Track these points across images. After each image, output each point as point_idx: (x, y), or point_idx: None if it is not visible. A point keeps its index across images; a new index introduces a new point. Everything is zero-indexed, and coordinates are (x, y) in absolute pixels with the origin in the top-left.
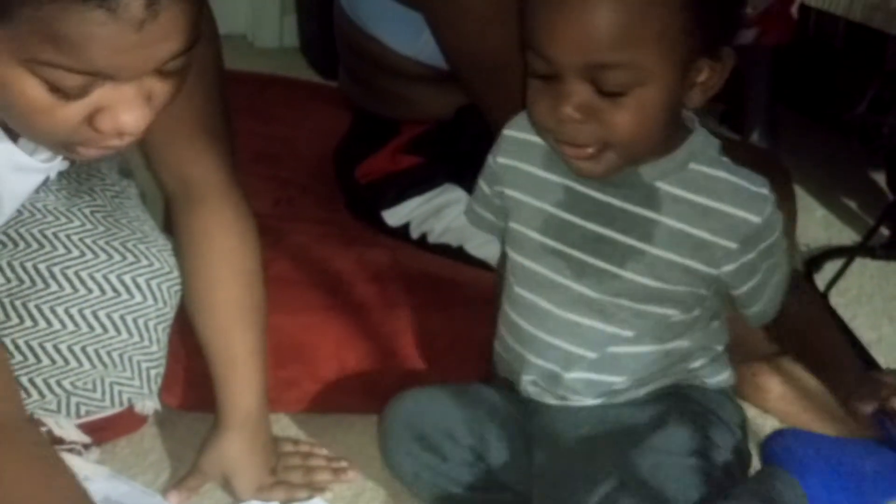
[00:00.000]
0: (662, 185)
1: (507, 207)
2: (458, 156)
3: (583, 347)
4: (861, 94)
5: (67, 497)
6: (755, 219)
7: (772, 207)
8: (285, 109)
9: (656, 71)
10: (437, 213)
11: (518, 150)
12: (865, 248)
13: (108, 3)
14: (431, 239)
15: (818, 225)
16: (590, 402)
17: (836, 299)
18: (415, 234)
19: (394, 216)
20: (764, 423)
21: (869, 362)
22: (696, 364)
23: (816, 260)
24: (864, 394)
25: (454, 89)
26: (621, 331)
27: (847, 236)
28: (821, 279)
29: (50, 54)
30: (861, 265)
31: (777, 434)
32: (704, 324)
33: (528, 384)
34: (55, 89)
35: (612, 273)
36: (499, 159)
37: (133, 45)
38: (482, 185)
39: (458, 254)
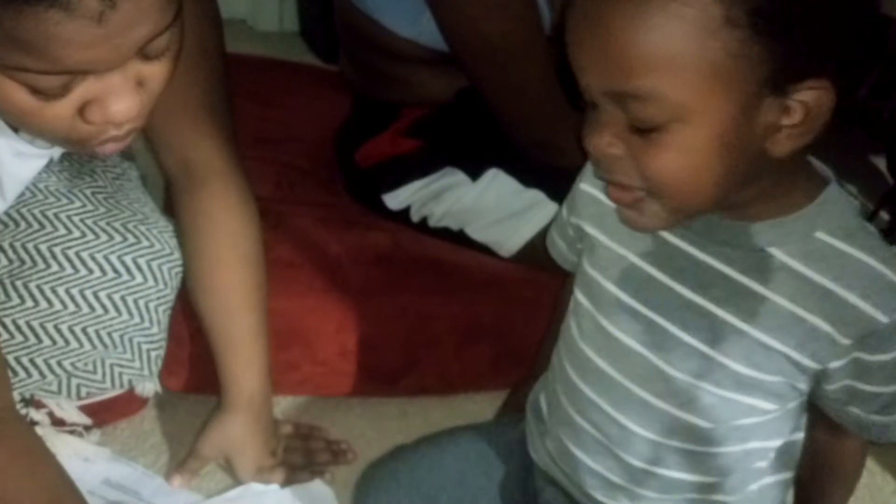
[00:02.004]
0: (778, 254)
1: (584, 245)
2: (459, 139)
3: (647, 429)
4: (862, 78)
5: (53, 489)
6: (881, 318)
7: None
8: (286, 93)
9: (697, 106)
10: (438, 197)
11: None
12: None
13: (60, 2)
14: (432, 223)
15: None
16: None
17: None
18: (415, 217)
19: (394, 199)
20: None
21: None
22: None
23: None
24: None
25: (455, 72)
26: (698, 420)
27: None
28: None
29: (18, 59)
30: None
31: None
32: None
33: (564, 456)
34: (36, 91)
35: (698, 351)
36: (582, 185)
37: (98, 38)
38: (563, 208)
39: (458, 237)
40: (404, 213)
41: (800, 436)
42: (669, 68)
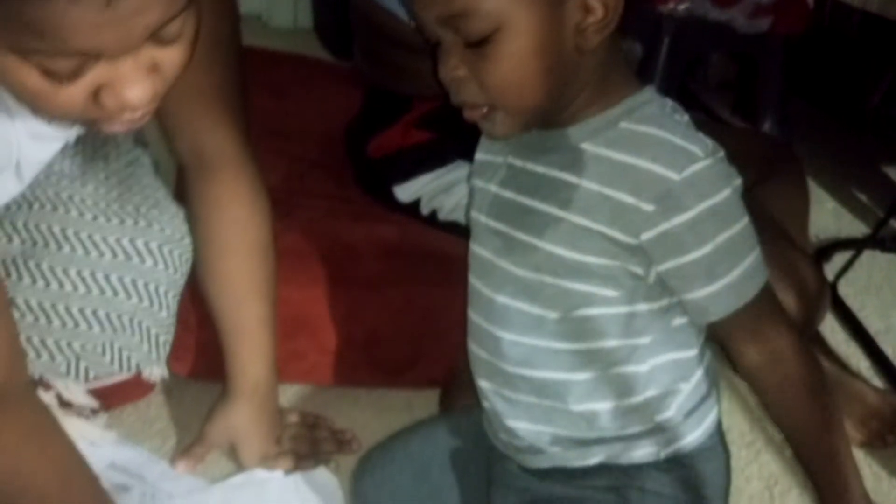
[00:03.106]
0: (588, 146)
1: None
2: (470, 133)
3: (514, 332)
4: (875, 86)
5: (66, 467)
6: (672, 175)
7: (702, 167)
8: (298, 87)
9: (511, 14)
10: (448, 190)
11: (483, 141)
12: (875, 241)
13: None
14: (441, 216)
15: (829, 216)
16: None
17: (844, 289)
18: (425, 210)
19: (404, 192)
20: None
21: (875, 351)
22: (664, 413)
23: (826, 250)
24: None
25: None
26: (547, 312)
27: (857, 228)
28: (830, 270)
29: (29, 42)
30: (870, 257)
31: None
32: (655, 330)
33: (486, 393)
34: (49, 73)
35: (532, 245)
36: (477, 154)
37: (106, 22)
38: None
39: (467, 232)
40: (414, 206)
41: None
42: None
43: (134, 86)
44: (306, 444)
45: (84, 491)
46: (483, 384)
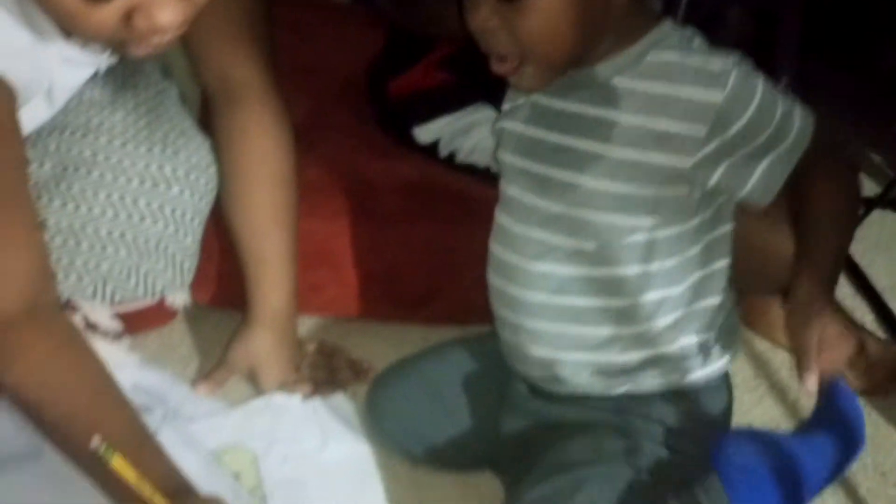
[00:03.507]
0: (619, 81)
1: (500, 142)
2: (491, 75)
3: (546, 264)
4: (891, 46)
5: (95, 381)
6: (715, 97)
7: (736, 80)
8: (321, 27)
9: None
10: (467, 132)
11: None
12: (885, 200)
13: None
14: (460, 158)
15: None
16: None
17: (854, 246)
18: (443, 151)
19: (424, 133)
20: None
21: (881, 307)
22: (678, 343)
23: None
24: (804, 350)
25: None
26: (583, 244)
27: (869, 188)
28: None
29: None
30: (881, 216)
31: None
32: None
33: (508, 323)
34: None
35: (571, 183)
36: (504, 104)
37: None
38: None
39: (485, 174)
40: (432, 148)
41: (717, 265)
42: None
43: (164, 9)
44: (324, 372)
45: (113, 408)
46: (505, 314)
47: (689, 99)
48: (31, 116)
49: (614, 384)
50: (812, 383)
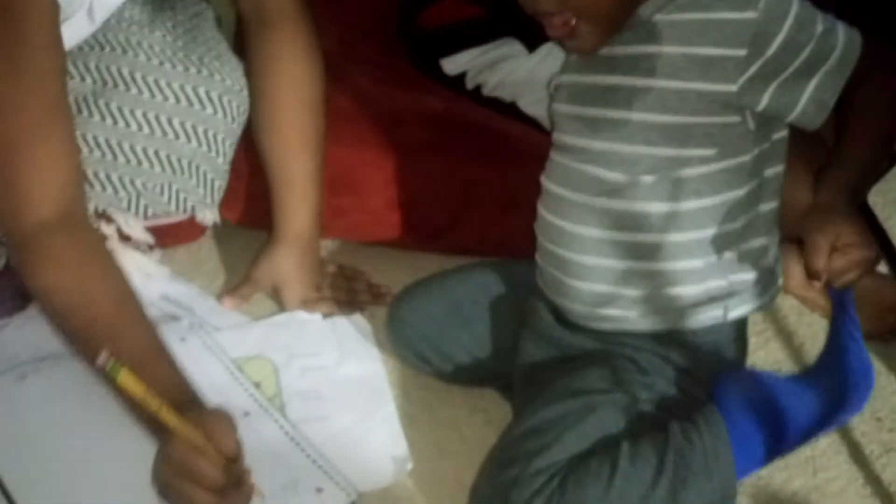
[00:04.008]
0: (660, 17)
1: (555, 94)
2: (521, 11)
3: (605, 198)
4: None
5: (120, 289)
6: (751, 15)
7: None
8: None
9: None
10: (493, 66)
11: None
12: None
13: None
14: (486, 91)
15: None
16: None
17: (874, 198)
18: (470, 84)
19: (451, 64)
20: None
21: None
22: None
23: None
24: (816, 247)
25: None
26: (641, 177)
27: None
28: None
29: None
30: None
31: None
32: (750, 191)
33: (550, 261)
34: None
35: (622, 119)
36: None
37: None
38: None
39: (510, 109)
40: (459, 80)
41: (768, 205)
42: None
43: None
44: (344, 293)
45: (134, 316)
46: (554, 249)
47: (725, 21)
48: (73, 32)
49: (660, 321)
50: (818, 285)
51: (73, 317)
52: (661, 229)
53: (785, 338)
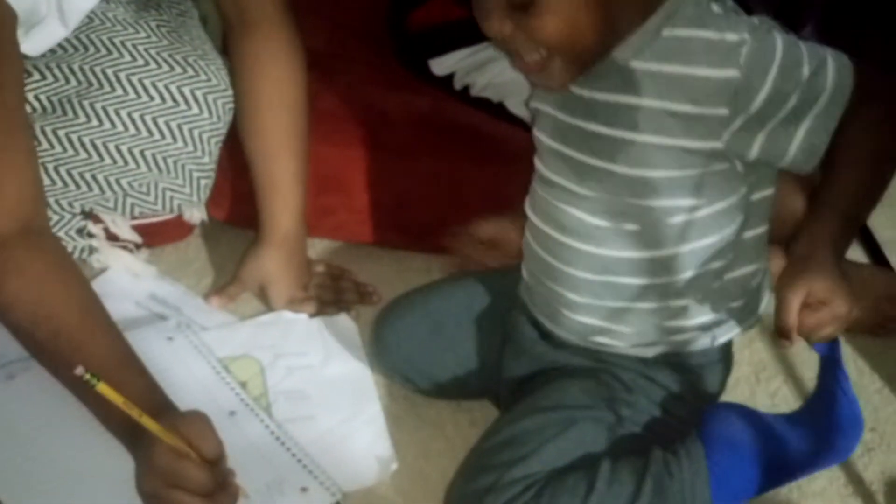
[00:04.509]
0: (637, 64)
1: (536, 120)
2: None
3: (588, 245)
4: None
5: (84, 299)
6: (731, 73)
7: (751, 50)
8: None
9: None
10: (481, 68)
11: None
12: None
13: None
14: (474, 92)
15: None
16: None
17: None
18: (458, 85)
19: (440, 65)
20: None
21: (879, 259)
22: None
23: None
24: (785, 306)
25: None
26: (631, 225)
27: None
28: None
29: None
30: None
31: (714, 408)
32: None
33: (529, 281)
34: None
35: (606, 170)
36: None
37: None
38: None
39: (497, 109)
40: (447, 80)
41: (755, 231)
42: None
43: None
44: (330, 293)
45: (99, 326)
46: (541, 277)
47: (704, 77)
48: (45, 37)
49: (649, 351)
50: (788, 343)
51: (36, 330)
52: (650, 274)
53: (769, 338)
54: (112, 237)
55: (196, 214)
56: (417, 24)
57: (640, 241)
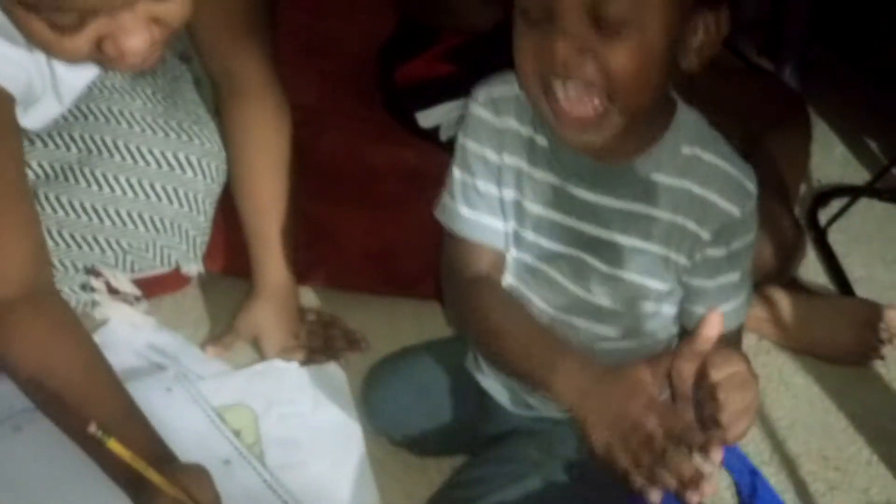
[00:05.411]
0: (658, 177)
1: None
2: (491, 68)
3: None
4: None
5: (87, 357)
6: (734, 211)
7: (753, 206)
8: (336, 4)
9: (655, 13)
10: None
11: (490, 136)
12: (872, 190)
13: None
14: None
15: (835, 162)
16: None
17: (835, 236)
18: (444, 136)
19: (426, 118)
20: None
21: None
22: None
23: (825, 196)
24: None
25: (495, 4)
26: (611, 330)
27: (861, 176)
28: (825, 215)
29: (37, 1)
30: (868, 206)
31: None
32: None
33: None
34: (55, 26)
35: (613, 276)
36: (470, 144)
37: None
38: (471, 179)
39: None
40: (434, 132)
41: None
42: None
43: (132, 36)
44: (321, 341)
45: (103, 383)
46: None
47: (713, 203)
48: (43, 113)
49: None
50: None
51: (42, 387)
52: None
53: None
54: (113, 290)
55: (193, 268)
56: (404, 78)
57: (625, 333)
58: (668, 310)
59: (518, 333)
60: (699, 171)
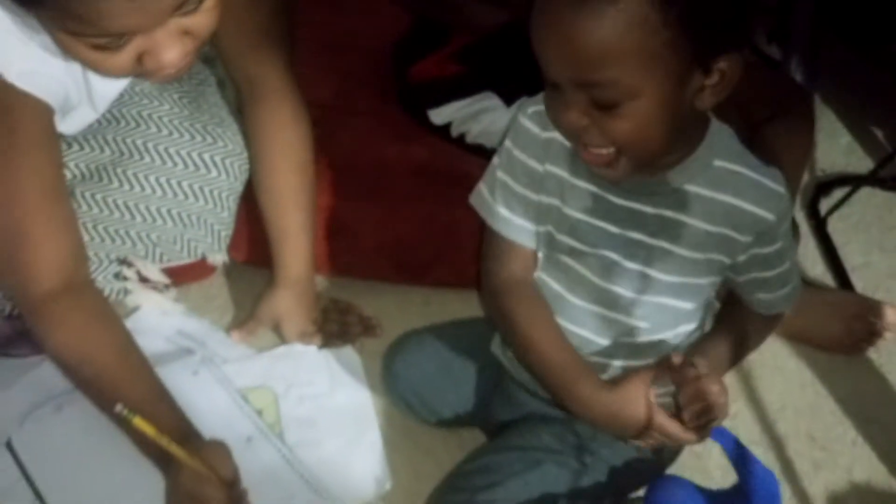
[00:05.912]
0: (691, 188)
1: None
2: (499, 67)
3: (598, 335)
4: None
5: (121, 345)
6: (769, 216)
7: (785, 207)
8: (356, 2)
9: (646, 86)
10: (476, 117)
11: (535, 147)
12: (875, 178)
13: None
14: (469, 139)
15: (840, 151)
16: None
17: (835, 224)
18: (454, 132)
19: (438, 115)
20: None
21: (845, 284)
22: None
23: (827, 185)
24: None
25: (503, 7)
26: (640, 323)
27: (865, 165)
28: (826, 203)
29: (77, 27)
30: (869, 194)
31: (661, 480)
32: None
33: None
34: (97, 47)
35: (642, 273)
36: (516, 152)
37: (132, 10)
38: (513, 185)
39: (491, 154)
40: (445, 128)
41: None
42: (625, 62)
43: (168, 50)
44: (337, 326)
45: (135, 367)
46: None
47: (749, 212)
48: (79, 120)
49: None
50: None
51: (80, 371)
52: (643, 355)
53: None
54: (143, 279)
55: (218, 258)
56: (417, 77)
57: (640, 331)
58: (683, 304)
59: (541, 349)
60: (731, 183)
